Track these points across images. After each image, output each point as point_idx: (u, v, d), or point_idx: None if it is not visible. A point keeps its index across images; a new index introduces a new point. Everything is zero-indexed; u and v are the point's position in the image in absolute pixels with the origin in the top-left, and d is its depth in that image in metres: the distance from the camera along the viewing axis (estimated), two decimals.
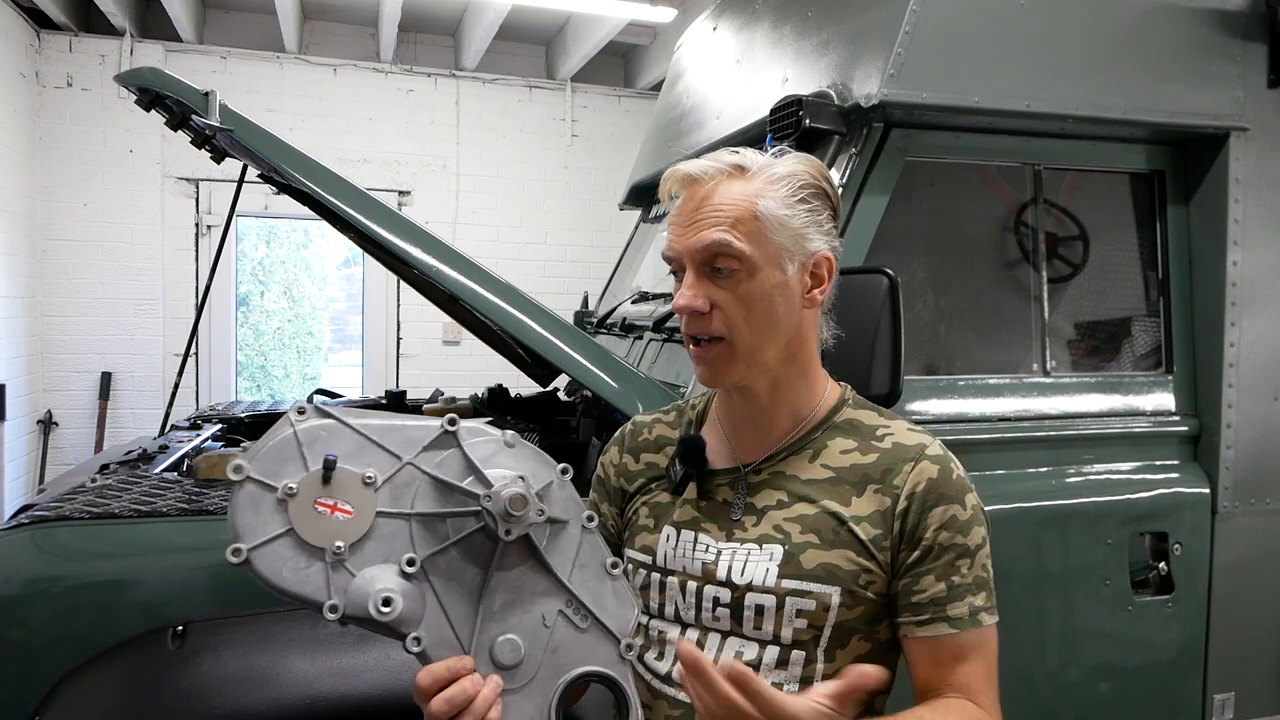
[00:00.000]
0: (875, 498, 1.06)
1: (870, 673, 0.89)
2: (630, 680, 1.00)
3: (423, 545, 0.94)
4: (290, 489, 0.89)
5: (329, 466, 0.91)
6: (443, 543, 0.94)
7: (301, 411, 0.94)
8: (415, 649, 0.90)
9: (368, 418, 0.96)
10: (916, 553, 1.04)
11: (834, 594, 1.03)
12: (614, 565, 1.02)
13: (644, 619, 1.12)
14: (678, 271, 1.08)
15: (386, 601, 0.88)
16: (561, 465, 1.01)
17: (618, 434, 1.29)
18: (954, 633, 1.03)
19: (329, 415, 0.95)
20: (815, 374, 1.14)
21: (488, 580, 0.96)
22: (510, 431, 1.00)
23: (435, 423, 0.98)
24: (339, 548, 0.90)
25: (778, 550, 1.06)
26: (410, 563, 0.92)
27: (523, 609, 0.97)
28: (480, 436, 0.98)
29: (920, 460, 1.06)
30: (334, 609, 0.88)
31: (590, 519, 1.02)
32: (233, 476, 0.89)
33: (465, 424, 0.98)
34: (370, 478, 0.93)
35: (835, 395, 1.15)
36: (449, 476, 0.96)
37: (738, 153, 1.08)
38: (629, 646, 1.01)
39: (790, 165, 1.07)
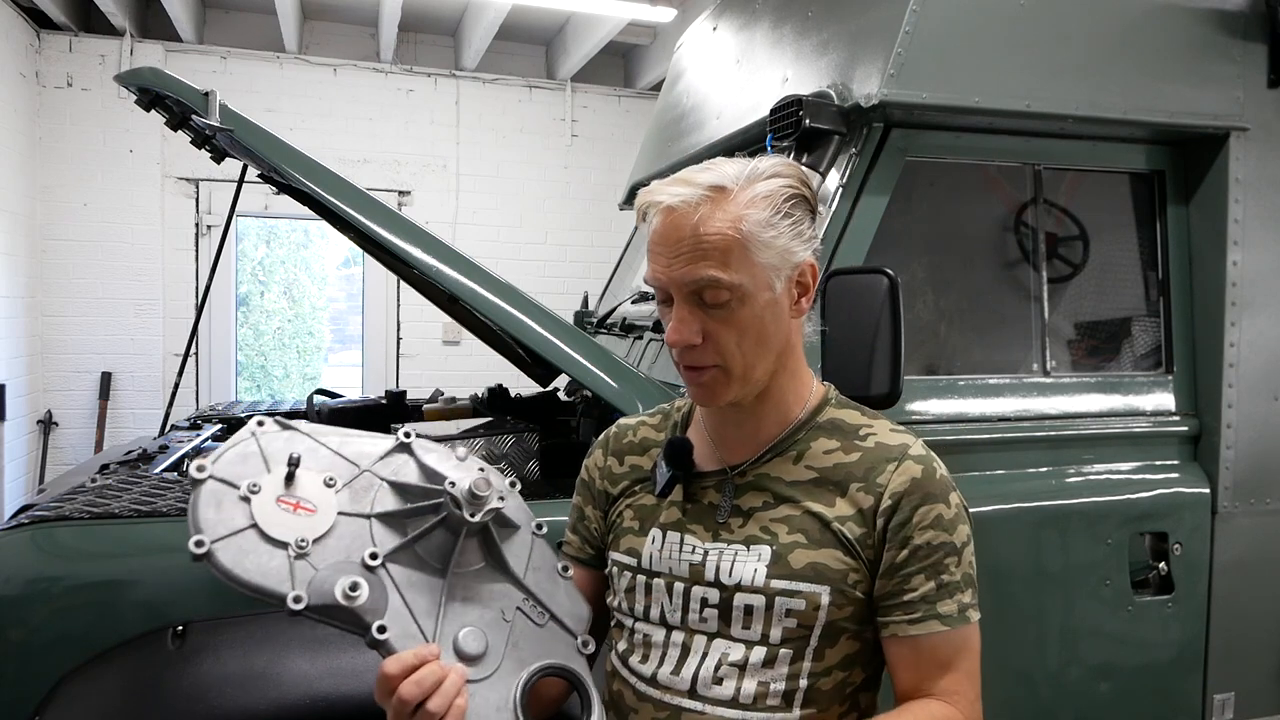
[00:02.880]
0: (858, 497, 1.06)
1: None
2: (588, 674, 1.03)
3: (384, 542, 0.97)
4: (254, 486, 0.93)
5: (293, 464, 0.95)
6: (403, 539, 0.98)
7: (261, 424, 0.98)
8: (381, 636, 0.92)
9: (323, 433, 1.01)
10: (904, 552, 1.04)
11: (823, 593, 1.03)
12: (565, 569, 1.10)
13: (628, 622, 1.13)
14: (665, 299, 1.05)
15: (354, 586, 0.90)
16: (510, 478, 1.07)
17: (601, 437, 1.29)
18: (944, 630, 1.03)
19: (289, 427, 0.99)
20: (803, 375, 1.14)
21: (448, 576, 0.98)
22: (462, 447, 1.07)
23: (389, 437, 1.04)
24: (303, 541, 0.92)
25: (765, 550, 1.06)
26: (373, 556, 0.94)
27: (482, 604, 1.00)
28: (432, 447, 1.05)
29: (904, 460, 1.06)
30: (298, 599, 0.89)
31: (539, 526, 1.09)
32: (195, 475, 0.92)
33: (418, 438, 1.05)
34: (331, 480, 0.97)
35: (819, 395, 1.15)
36: (407, 481, 1.00)
37: (711, 169, 1.03)
38: (585, 642, 1.06)
39: (770, 184, 1.02)
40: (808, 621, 1.04)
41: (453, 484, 0.97)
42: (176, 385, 2.54)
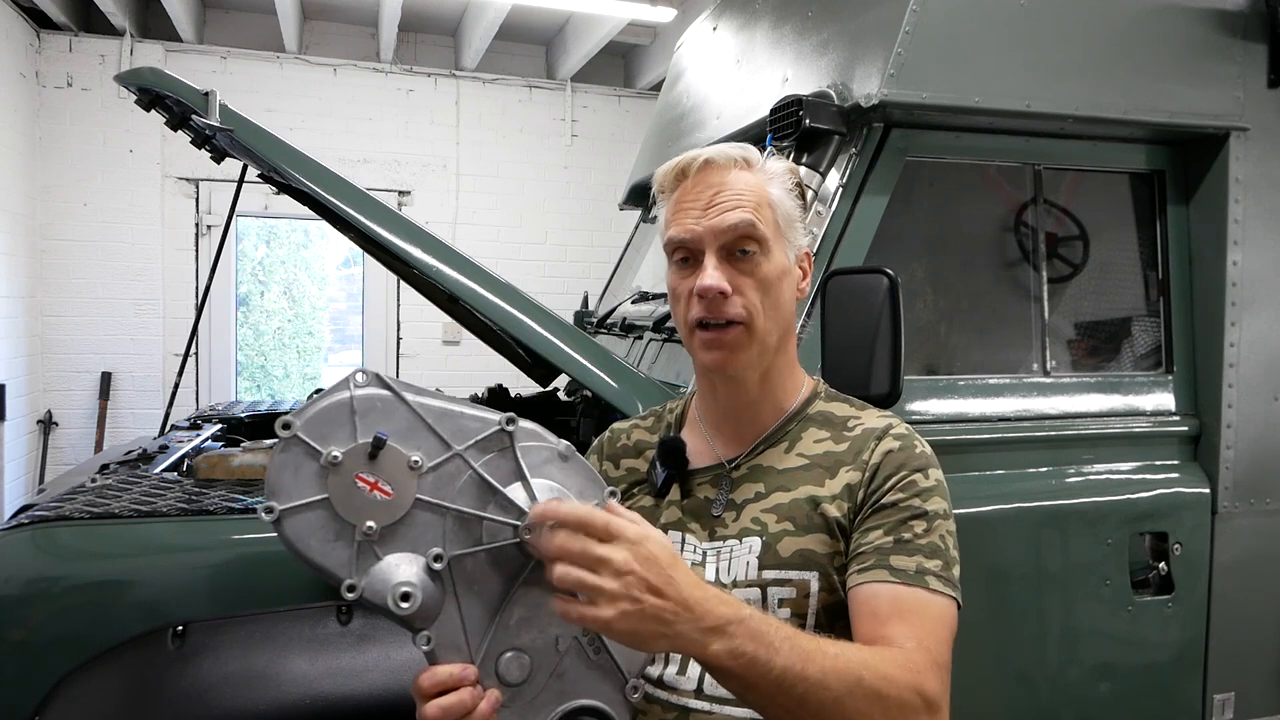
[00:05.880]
0: (847, 475, 1.08)
1: None
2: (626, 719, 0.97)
3: (453, 543, 0.90)
4: (335, 458, 0.87)
5: (378, 445, 0.88)
6: (474, 545, 0.91)
7: (360, 380, 0.91)
8: (425, 647, 0.88)
9: (425, 397, 0.93)
10: (869, 510, 1.05)
11: (812, 579, 1.04)
12: None
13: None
14: (687, 257, 1.09)
15: (405, 596, 0.85)
16: (610, 489, 0.97)
17: (595, 442, 1.29)
18: (893, 582, 0.98)
19: (388, 388, 0.91)
20: (797, 366, 1.18)
21: (510, 593, 0.92)
22: (566, 443, 0.97)
23: (494, 417, 0.94)
24: (370, 528, 0.87)
25: (756, 542, 1.07)
26: (438, 559, 0.88)
27: (538, 628, 0.93)
28: (535, 441, 0.96)
29: (885, 437, 1.10)
30: (352, 589, 0.86)
31: None
32: (280, 433, 0.86)
33: (523, 425, 0.95)
34: (416, 463, 0.90)
35: (810, 387, 1.19)
36: (496, 479, 0.92)
37: (740, 147, 1.12)
38: (634, 687, 0.97)
39: (782, 163, 1.14)
40: (800, 610, 1.04)
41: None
42: (176, 385, 2.53)
